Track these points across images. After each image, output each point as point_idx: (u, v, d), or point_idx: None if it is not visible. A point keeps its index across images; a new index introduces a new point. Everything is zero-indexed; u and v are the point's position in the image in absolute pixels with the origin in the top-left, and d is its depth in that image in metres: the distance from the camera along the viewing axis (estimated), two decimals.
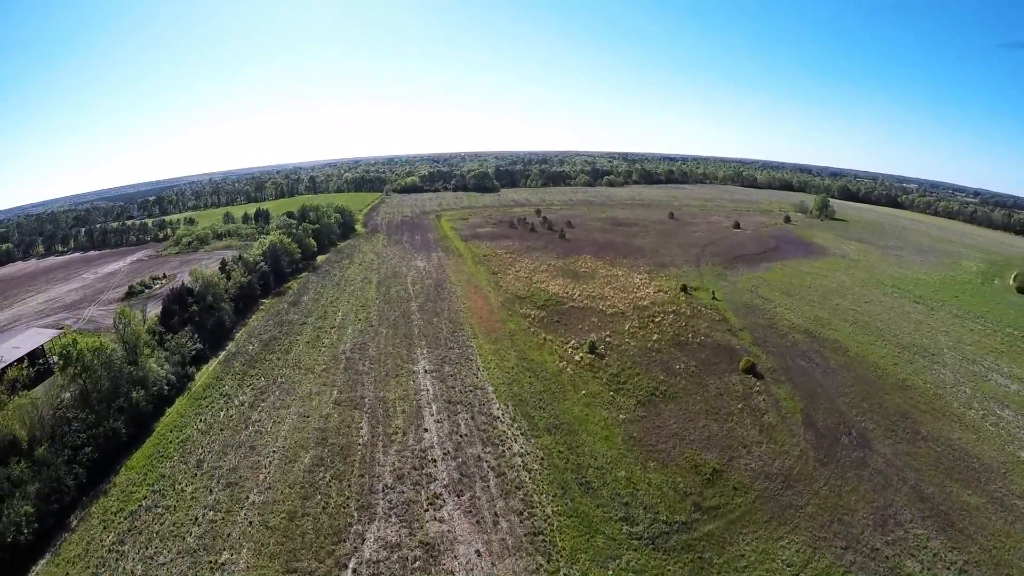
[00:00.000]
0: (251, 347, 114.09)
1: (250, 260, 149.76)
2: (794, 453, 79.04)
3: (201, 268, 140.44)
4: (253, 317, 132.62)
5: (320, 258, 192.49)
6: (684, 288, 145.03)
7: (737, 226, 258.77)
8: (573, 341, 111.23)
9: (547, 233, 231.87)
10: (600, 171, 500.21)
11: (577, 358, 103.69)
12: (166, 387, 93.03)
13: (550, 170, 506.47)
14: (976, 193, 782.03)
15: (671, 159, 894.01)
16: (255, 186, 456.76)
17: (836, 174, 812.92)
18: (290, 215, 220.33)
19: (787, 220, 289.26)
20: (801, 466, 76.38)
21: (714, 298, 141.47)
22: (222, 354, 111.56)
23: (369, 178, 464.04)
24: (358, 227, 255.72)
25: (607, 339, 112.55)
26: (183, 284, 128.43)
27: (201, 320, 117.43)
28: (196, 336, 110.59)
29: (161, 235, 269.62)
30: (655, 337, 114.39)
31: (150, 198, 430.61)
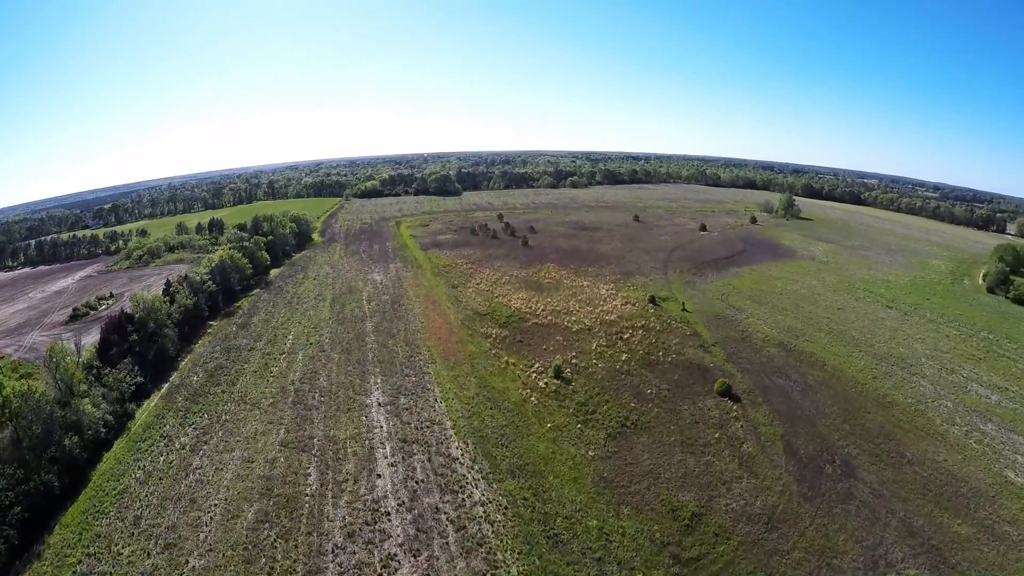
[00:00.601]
0: (195, 378, 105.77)
1: (197, 280, 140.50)
2: (777, 488, 74.58)
3: (143, 292, 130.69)
4: (200, 342, 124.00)
5: (273, 272, 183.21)
6: (652, 299, 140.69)
7: (703, 228, 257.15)
8: (537, 364, 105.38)
9: (509, 240, 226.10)
10: (563, 172, 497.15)
11: (542, 384, 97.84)
12: (103, 430, 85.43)
13: (512, 172, 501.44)
14: (936, 187, 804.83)
15: (634, 158, 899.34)
16: (213, 192, 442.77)
17: (798, 171, 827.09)
18: (241, 228, 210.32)
19: (753, 221, 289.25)
20: (785, 503, 71.92)
21: (684, 309, 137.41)
22: (165, 387, 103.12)
23: (329, 183, 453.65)
24: (315, 236, 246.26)
25: (573, 361, 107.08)
26: (122, 311, 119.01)
27: (142, 350, 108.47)
28: (136, 369, 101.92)
29: (113, 248, 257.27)
30: (624, 357, 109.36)
31: (105, 206, 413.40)
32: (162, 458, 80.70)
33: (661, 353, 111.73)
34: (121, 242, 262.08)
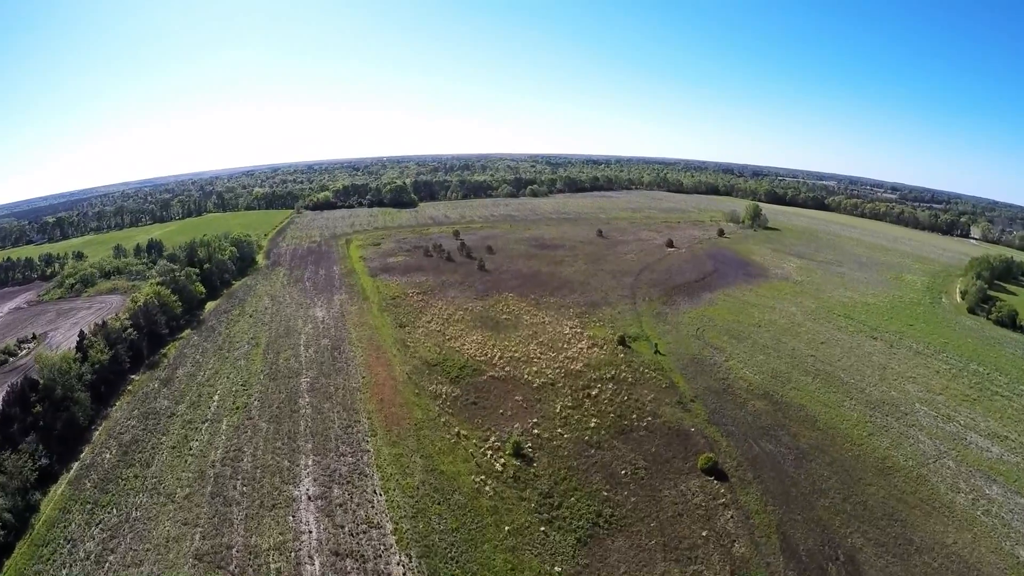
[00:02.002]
0: (108, 455, 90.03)
1: (116, 328, 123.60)
2: None
3: (49, 352, 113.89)
4: (117, 404, 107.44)
5: (209, 306, 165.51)
6: (622, 340, 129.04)
7: (670, 244, 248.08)
8: (493, 437, 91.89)
9: (465, 262, 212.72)
10: (523, 180, 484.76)
11: (498, 467, 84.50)
12: (2, 532, 71.53)
13: (471, 180, 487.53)
14: (894, 188, 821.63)
15: (595, 162, 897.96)
16: (160, 205, 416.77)
17: (758, 173, 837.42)
18: (172, 259, 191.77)
19: (721, 233, 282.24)
20: None
21: (657, 352, 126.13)
22: (75, 466, 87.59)
23: (281, 194, 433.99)
24: (259, 258, 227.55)
25: (535, 431, 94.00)
26: (25, 378, 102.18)
27: (48, 423, 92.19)
28: (41, 449, 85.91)
29: (48, 271, 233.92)
30: (593, 423, 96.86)
31: (51, 219, 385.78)
32: (64, 572, 66.38)
33: (635, 415, 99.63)
34: (57, 265, 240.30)
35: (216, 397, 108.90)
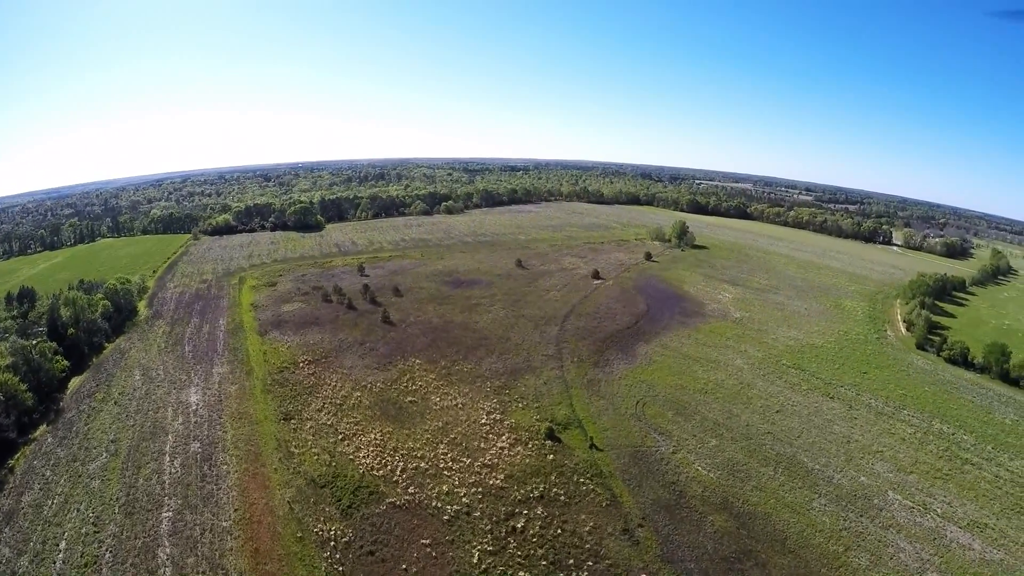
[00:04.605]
0: None
1: None
2: None
3: None
4: None
5: (73, 383, 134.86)
6: (551, 432, 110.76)
7: (596, 275, 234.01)
8: None
9: (368, 311, 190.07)
10: (438, 196, 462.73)
11: None
12: None
13: (384, 195, 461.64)
14: (808, 189, 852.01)
15: (513, 168, 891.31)
16: (51, 230, 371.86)
17: (676, 176, 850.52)
18: (24, 331, 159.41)
19: (648, 257, 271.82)
20: None
21: (593, 446, 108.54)
22: None
23: (179, 216, 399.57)
24: (140, 307, 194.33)
25: None
26: None
27: None
28: None
29: None
30: None
31: None
32: None
33: (572, 560, 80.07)
34: None
35: (63, 545, 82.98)
